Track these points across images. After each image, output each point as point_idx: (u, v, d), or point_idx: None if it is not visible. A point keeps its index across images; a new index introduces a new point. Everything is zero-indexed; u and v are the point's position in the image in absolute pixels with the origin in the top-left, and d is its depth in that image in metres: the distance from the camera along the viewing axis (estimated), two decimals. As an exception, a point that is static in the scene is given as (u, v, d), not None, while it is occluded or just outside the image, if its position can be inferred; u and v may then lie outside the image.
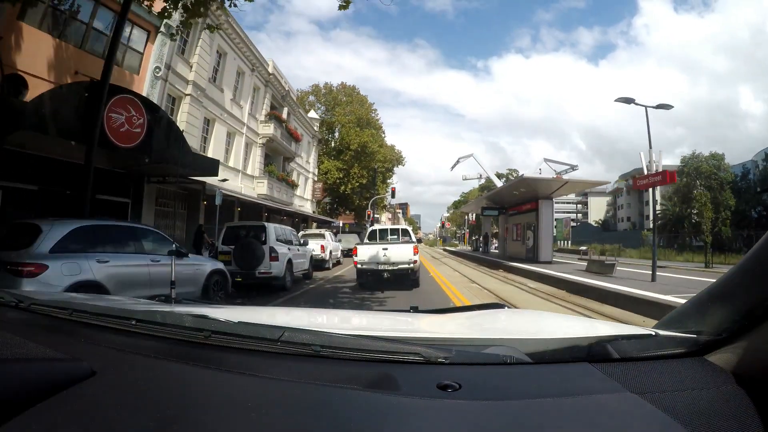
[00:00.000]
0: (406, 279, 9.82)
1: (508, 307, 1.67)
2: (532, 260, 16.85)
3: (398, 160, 39.37)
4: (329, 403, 0.65)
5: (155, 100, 11.88)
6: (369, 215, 30.86)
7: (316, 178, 31.79)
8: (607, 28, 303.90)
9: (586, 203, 73.35)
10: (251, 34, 44.65)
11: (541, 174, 21.65)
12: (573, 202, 74.09)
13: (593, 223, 64.74)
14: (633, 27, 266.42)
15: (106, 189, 10.41)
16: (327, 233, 17.21)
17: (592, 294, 8.47)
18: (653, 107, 10.94)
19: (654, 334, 0.85)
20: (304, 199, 28.54)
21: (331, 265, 15.69)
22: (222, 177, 14.55)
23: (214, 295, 6.62)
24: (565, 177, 20.24)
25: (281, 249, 9.33)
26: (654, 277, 9.79)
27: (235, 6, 7.86)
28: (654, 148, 10.66)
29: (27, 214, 7.36)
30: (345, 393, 0.67)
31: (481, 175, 34.79)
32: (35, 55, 9.32)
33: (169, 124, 9.74)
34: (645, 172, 10.60)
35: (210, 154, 15.27)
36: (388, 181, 38.27)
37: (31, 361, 0.68)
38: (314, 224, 26.97)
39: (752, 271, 0.70)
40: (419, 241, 16.32)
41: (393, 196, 32.72)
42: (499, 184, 29.34)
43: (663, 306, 6.17)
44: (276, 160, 23.50)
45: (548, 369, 0.77)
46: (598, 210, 68.96)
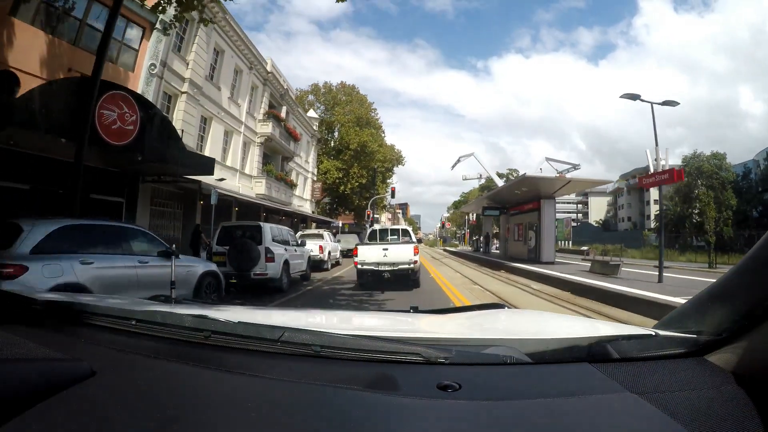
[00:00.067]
0: (406, 279, 9.73)
1: (510, 308, 1.66)
2: (534, 261, 16.62)
3: (398, 159, 39.12)
4: (329, 403, 0.65)
5: (150, 97, 11.67)
6: (369, 215, 30.69)
7: (315, 178, 31.53)
8: (607, 28, 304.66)
9: (586, 203, 73.27)
10: (251, 34, 44.47)
11: (543, 173, 21.42)
12: (573, 202, 73.98)
13: (594, 223, 64.57)
14: (633, 27, 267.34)
15: (99, 188, 10.23)
16: (326, 233, 16.94)
17: (598, 296, 8.22)
18: (659, 104, 10.71)
19: (654, 334, 0.85)
20: (303, 199, 28.29)
21: (329, 266, 15.38)
22: (219, 176, 14.36)
23: (207, 297, 6.39)
24: (567, 176, 20.02)
25: (277, 250, 9.09)
26: (661, 278, 9.56)
27: None
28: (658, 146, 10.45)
29: (18, 214, 7.15)
30: (345, 393, 0.67)
31: (481, 175, 34.70)
32: (28, 51, 9.18)
33: (163, 122, 9.50)
34: (651, 170, 10.35)
35: (207, 153, 15.01)
36: (388, 181, 38.02)
37: (31, 361, 0.68)
38: (313, 224, 26.71)
39: (752, 271, 0.70)
40: (419, 241, 16.11)
41: (393, 196, 32.51)
42: (500, 183, 29.14)
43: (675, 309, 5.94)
44: (274, 159, 23.26)
45: (548, 369, 0.77)
46: (598, 210, 68.87)
